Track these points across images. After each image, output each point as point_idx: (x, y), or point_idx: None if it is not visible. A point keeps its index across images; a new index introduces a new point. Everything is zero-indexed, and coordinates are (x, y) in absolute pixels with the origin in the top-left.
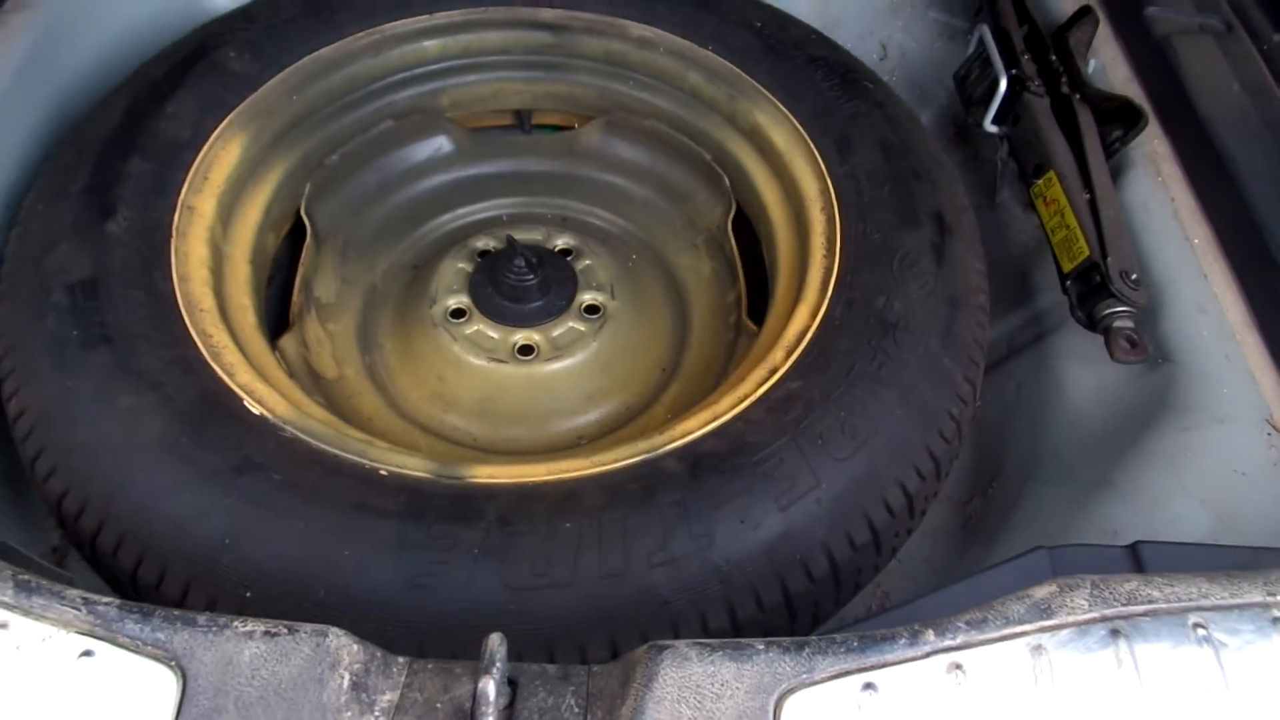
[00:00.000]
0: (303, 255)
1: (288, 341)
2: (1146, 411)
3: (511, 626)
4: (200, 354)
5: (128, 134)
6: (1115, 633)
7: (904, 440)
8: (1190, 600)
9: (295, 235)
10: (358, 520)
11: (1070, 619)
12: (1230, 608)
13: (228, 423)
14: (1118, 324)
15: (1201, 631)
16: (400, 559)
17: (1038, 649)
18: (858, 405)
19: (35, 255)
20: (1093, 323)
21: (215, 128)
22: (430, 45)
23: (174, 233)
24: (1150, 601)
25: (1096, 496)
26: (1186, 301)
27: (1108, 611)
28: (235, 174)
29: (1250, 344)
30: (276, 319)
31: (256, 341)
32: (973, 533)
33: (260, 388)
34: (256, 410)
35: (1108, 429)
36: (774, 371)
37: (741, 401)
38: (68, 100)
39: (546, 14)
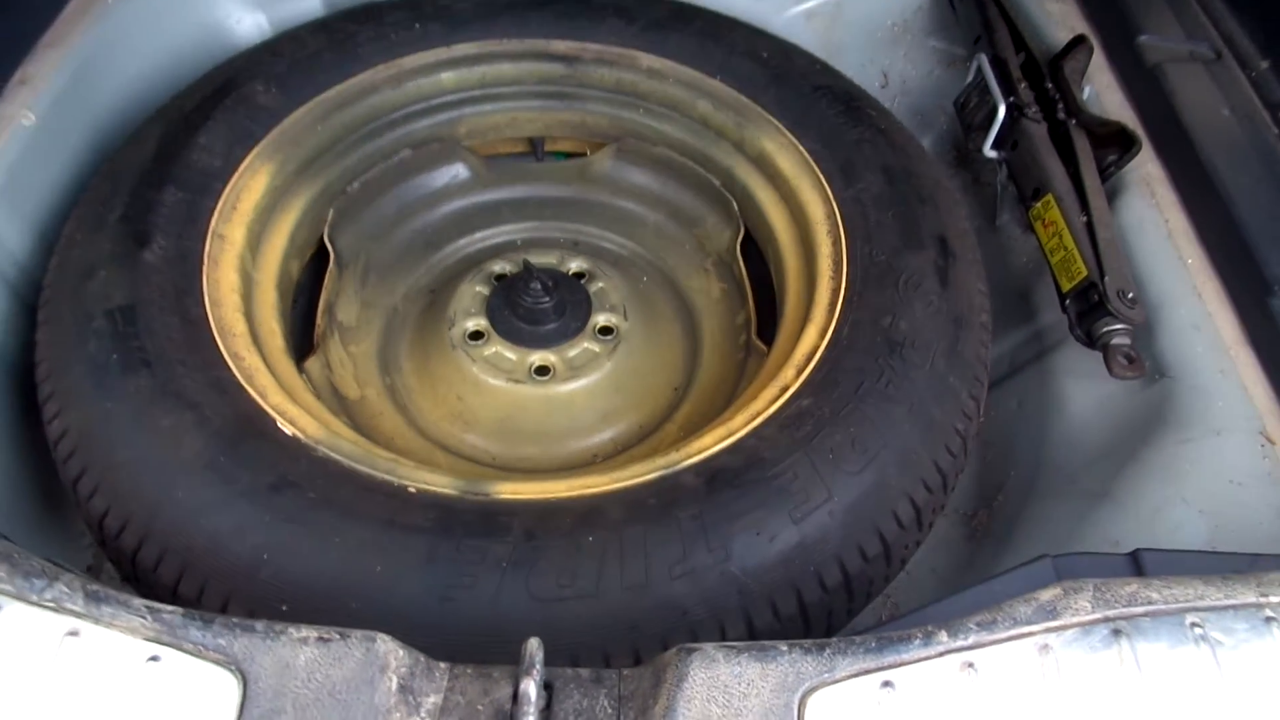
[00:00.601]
0: (325, 280)
1: (313, 364)
2: (1145, 425)
3: (539, 636)
4: (234, 376)
5: (162, 165)
6: (1117, 632)
7: (912, 455)
8: (1188, 601)
9: (317, 260)
10: (389, 536)
11: (1075, 620)
12: (1225, 608)
13: (262, 443)
14: (1115, 341)
15: (1198, 630)
16: (431, 572)
17: (1044, 648)
18: (867, 421)
19: (75, 283)
20: (1091, 340)
21: (244, 158)
22: (447, 77)
23: (206, 260)
24: (1150, 603)
25: (1098, 508)
26: (1181, 319)
27: (1110, 613)
28: (263, 202)
29: (1243, 359)
30: (300, 342)
31: (285, 364)
32: (979, 545)
33: (291, 409)
34: (289, 430)
35: (1108, 442)
36: (785, 389)
37: (755, 418)
38: (101, 132)
39: (559, 46)
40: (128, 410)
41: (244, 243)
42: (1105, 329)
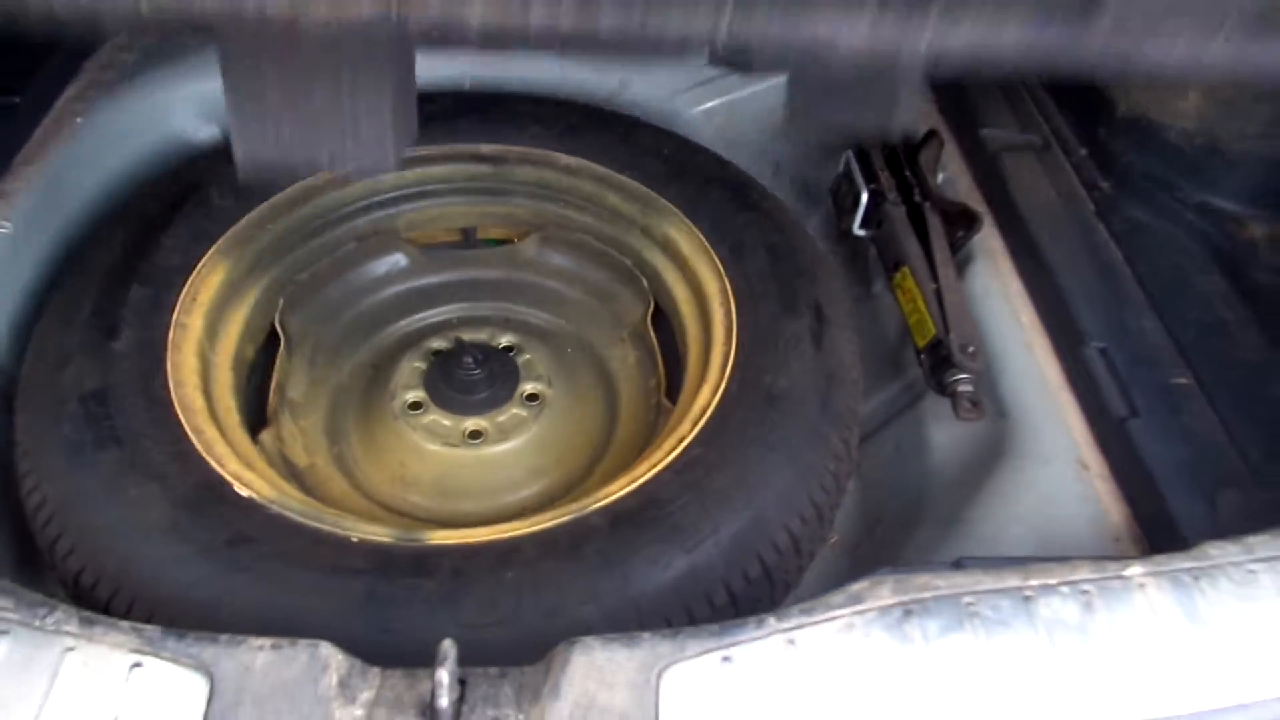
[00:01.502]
0: (277, 361)
1: (266, 436)
2: (989, 458)
3: (466, 658)
4: (195, 449)
5: (129, 264)
6: (908, 612)
7: (788, 492)
8: (966, 588)
9: (270, 342)
10: (333, 579)
11: (876, 604)
12: (994, 591)
13: (221, 505)
14: (961, 389)
15: (972, 609)
16: (371, 609)
17: (849, 626)
18: (749, 465)
19: (49, 372)
20: (943, 388)
21: (202, 256)
22: (386, 178)
23: (169, 347)
24: (937, 589)
25: (951, 530)
26: (1016, 368)
27: (904, 598)
28: (220, 295)
29: (1065, 400)
30: (255, 415)
31: (240, 436)
32: (860, 571)
33: (247, 474)
34: (245, 493)
35: (961, 475)
36: (682, 440)
37: (654, 466)
38: (72, 236)
39: (486, 149)
40: (100, 481)
41: (203, 330)
42: (952, 378)
